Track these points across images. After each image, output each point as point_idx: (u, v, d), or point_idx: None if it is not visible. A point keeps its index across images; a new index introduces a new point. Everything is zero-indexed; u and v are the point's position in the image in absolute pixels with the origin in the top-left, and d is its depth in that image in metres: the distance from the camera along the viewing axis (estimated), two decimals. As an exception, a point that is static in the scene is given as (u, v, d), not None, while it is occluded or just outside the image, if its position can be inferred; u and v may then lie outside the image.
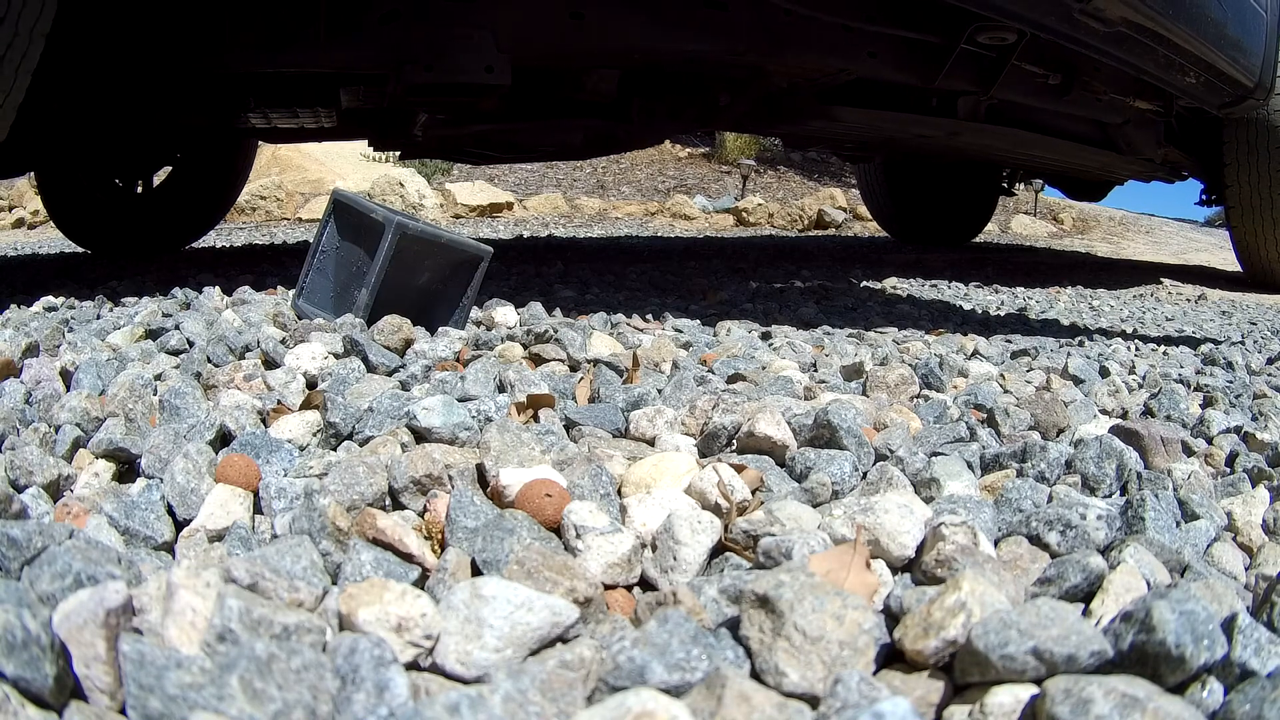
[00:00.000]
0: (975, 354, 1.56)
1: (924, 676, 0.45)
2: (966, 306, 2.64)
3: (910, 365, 1.20)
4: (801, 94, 2.52)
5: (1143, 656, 0.43)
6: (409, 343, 1.17)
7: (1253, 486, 0.80)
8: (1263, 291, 3.99)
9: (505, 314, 1.50)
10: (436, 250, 1.32)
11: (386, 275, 1.26)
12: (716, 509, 0.64)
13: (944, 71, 2.24)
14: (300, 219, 6.61)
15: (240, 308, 1.48)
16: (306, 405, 0.89)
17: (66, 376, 1.02)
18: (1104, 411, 1.14)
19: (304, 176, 8.00)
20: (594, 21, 2.02)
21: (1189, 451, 0.92)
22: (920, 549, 0.57)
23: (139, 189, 3.53)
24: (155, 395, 0.90)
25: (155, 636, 0.44)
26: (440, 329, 1.28)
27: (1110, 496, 0.76)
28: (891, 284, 3.11)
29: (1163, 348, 1.93)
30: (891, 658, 0.47)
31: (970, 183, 5.31)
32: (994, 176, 5.24)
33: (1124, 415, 1.13)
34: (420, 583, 0.56)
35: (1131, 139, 3.14)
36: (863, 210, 7.76)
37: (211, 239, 5.42)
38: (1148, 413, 1.11)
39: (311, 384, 1.00)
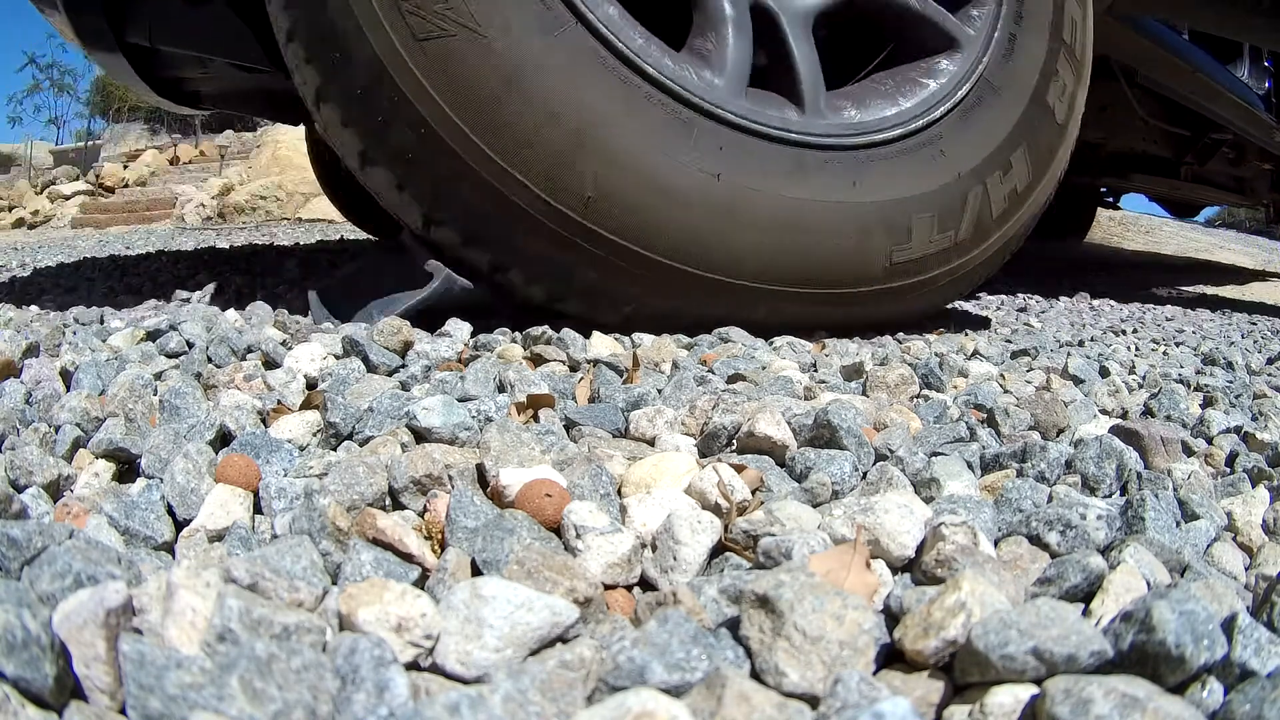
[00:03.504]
0: (975, 354, 1.56)
1: (924, 676, 0.45)
2: (966, 306, 2.64)
3: (910, 365, 1.20)
4: (1109, 160, 4.15)
5: (1143, 656, 0.42)
6: (409, 344, 1.17)
7: (1253, 486, 0.80)
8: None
9: (505, 314, 1.50)
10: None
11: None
12: (716, 509, 0.64)
13: (1189, 153, 3.80)
14: (300, 219, 6.60)
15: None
16: (306, 405, 0.89)
17: (66, 376, 1.02)
18: (1104, 411, 1.14)
19: (304, 176, 7.98)
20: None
21: (1189, 451, 0.92)
22: (920, 549, 0.57)
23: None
24: (155, 395, 0.90)
25: (155, 636, 0.44)
26: (440, 329, 1.28)
27: (1110, 496, 0.76)
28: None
29: (1163, 347, 1.93)
30: (891, 658, 0.47)
31: (1078, 197, 6.39)
32: (1095, 193, 6.28)
33: (1124, 415, 1.12)
34: (420, 583, 0.56)
35: (1255, 186, 4.80)
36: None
37: (211, 238, 5.40)
38: (1148, 413, 1.11)
39: (312, 384, 1.00)
